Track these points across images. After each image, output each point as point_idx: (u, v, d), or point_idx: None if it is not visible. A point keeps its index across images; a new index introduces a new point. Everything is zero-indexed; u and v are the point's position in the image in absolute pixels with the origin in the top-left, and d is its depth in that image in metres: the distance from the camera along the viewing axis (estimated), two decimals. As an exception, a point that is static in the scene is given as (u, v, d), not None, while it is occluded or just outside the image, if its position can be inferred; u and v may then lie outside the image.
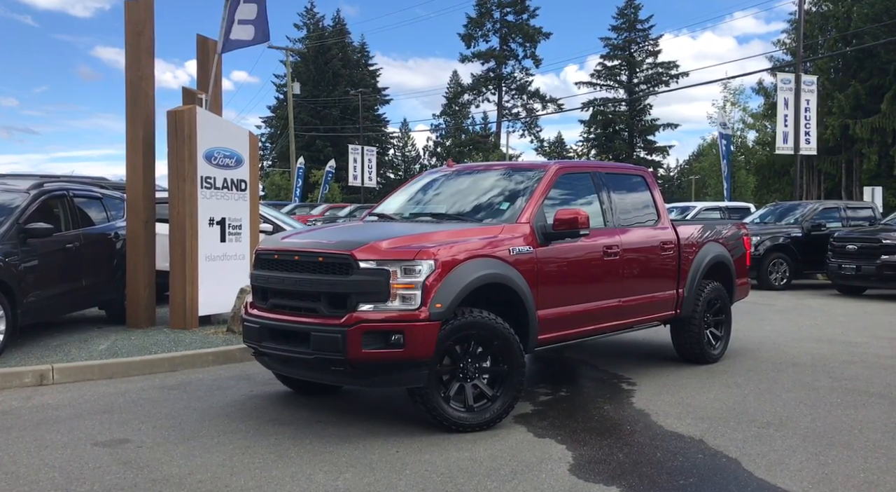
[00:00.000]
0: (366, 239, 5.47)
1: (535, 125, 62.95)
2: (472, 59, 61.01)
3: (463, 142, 61.49)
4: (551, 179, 6.49)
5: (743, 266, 8.78)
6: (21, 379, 6.77)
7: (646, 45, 65.14)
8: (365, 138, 60.87)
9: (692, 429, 5.65)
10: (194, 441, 5.21)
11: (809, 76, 23.88)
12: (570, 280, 6.38)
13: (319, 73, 57.10)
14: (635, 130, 65.70)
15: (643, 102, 65.46)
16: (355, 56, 62.55)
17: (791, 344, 9.29)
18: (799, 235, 16.73)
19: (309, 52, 58.93)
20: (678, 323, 7.92)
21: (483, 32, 60.74)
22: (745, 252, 8.84)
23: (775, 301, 14.16)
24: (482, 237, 5.81)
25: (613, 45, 65.14)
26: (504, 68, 61.73)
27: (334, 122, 54.90)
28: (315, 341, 5.29)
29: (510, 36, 60.84)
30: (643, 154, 66.98)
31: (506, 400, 5.64)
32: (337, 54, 58.73)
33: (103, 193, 9.62)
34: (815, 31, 42.07)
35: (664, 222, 7.59)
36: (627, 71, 65.87)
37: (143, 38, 9.13)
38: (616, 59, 65.35)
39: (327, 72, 57.46)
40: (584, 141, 67.96)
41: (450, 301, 5.29)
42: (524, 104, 62.88)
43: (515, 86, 62.30)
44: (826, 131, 38.37)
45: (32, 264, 7.73)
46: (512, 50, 61.77)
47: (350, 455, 4.96)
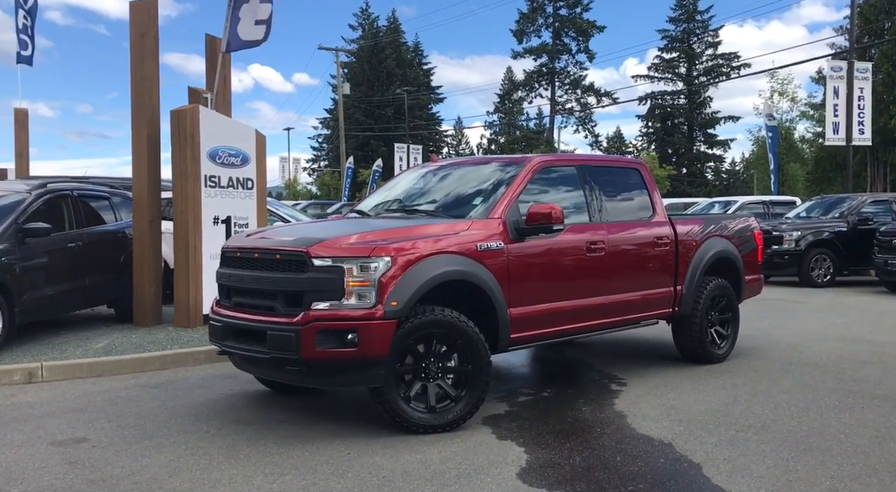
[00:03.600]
0: (324, 236, 5.39)
1: (589, 120, 62.16)
2: (524, 55, 60.50)
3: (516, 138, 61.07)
4: (528, 174, 6.31)
5: (753, 262, 8.42)
6: (10, 377, 6.90)
7: (705, 37, 63.65)
8: (418, 137, 61.06)
9: (665, 432, 5.41)
10: (150, 441, 5.20)
11: (864, 63, 22.91)
12: (548, 277, 6.18)
13: (374, 73, 57.42)
14: (695, 123, 64.29)
15: (703, 95, 64.00)
16: (409, 55, 62.71)
17: (811, 343, 8.89)
18: (844, 229, 16.04)
19: (363, 53, 59.36)
20: (678, 321, 7.64)
21: (535, 27, 60.16)
22: (755, 247, 8.47)
23: (812, 299, 13.61)
24: (448, 233, 5.67)
25: (671, 37, 63.84)
26: (557, 63, 61.03)
27: (388, 121, 55.15)
28: (270, 340, 5.23)
29: (563, 30, 60.09)
30: (703, 148, 65.54)
31: (470, 401, 5.49)
32: (391, 54, 58.98)
33: (112, 193, 9.77)
34: (880, 15, 40.38)
35: (659, 217, 7.32)
36: (686, 63, 64.47)
37: (147, 39, 9.24)
38: (674, 51, 64.03)
39: (381, 71, 57.74)
40: (642, 136, 66.86)
41: (406, 299, 5.17)
42: (578, 99, 62.08)
43: (569, 81, 61.54)
44: (892, 121, 36.80)
45: (31, 263, 7.88)
46: (565, 44, 61.02)
47: (299, 457, 4.89)
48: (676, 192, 53.22)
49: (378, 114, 56.85)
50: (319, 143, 61.93)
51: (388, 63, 58.33)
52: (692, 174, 63.26)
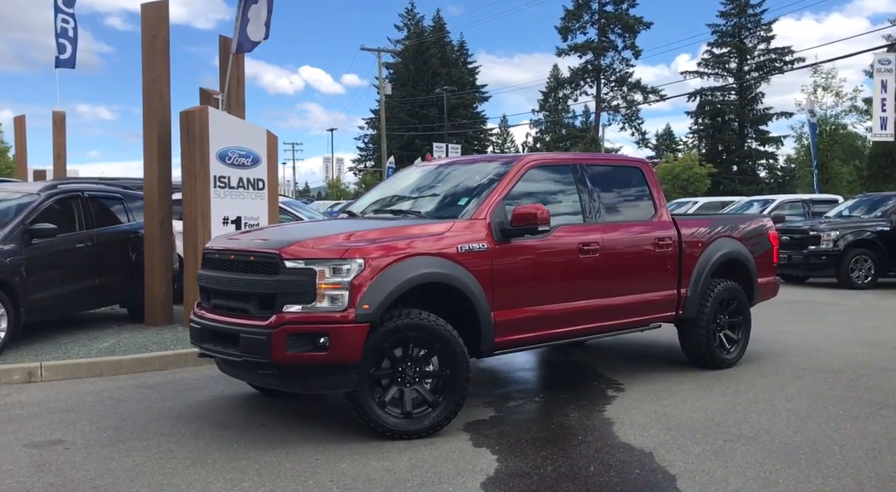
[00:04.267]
0: (298, 238, 5.32)
1: (635, 118, 61.21)
2: (568, 53, 59.85)
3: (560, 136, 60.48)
4: (517, 174, 6.15)
5: (767, 264, 8.12)
6: (10, 376, 6.99)
7: (757, 31, 62.11)
8: (462, 136, 60.94)
9: (649, 441, 5.22)
10: (125, 444, 5.19)
11: (914, 56, 22.04)
12: (536, 279, 6.02)
13: (418, 73, 57.51)
14: (746, 119, 62.80)
15: (754, 91, 62.49)
16: (454, 55, 62.60)
17: (831, 348, 8.54)
18: (886, 228, 15.44)
19: (408, 53, 59.49)
20: (684, 325, 7.40)
21: (580, 24, 59.47)
22: (770, 248, 8.17)
23: (848, 301, 13.13)
24: (428, 234, 5.55)
25: (722, 32, 62.36)
26: (603, 60, 60.27)
27: (432, 120, 55.17)
28: (243, 343, 5.18)
29: (608, 27, 59.29)
30: (755, 145, 63.97)
31: (448, 407, 5.36)
32: (435, 53, 58.97)
33: (124, 194, 9.88)
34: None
35: (662, 217, 7.09)
36: (737, 58, 62.97)
37: (158, 41, 9.31)
38: (725, 46, 62.57)
39: (426, 71, 57.76)
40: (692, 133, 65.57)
41: (379, 302, 5.07)
42: (624, 96, 61.22)
43: (615, 78, 60.75)
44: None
45: (38, 264, 7.98)
46: (611, 41, 60.20)
47: (267, 462, 4.82)
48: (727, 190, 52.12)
49: (422, 113, 56.97)
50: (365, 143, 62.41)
51: (432, 63, 58.32)
52: (742, 172, 61.86)
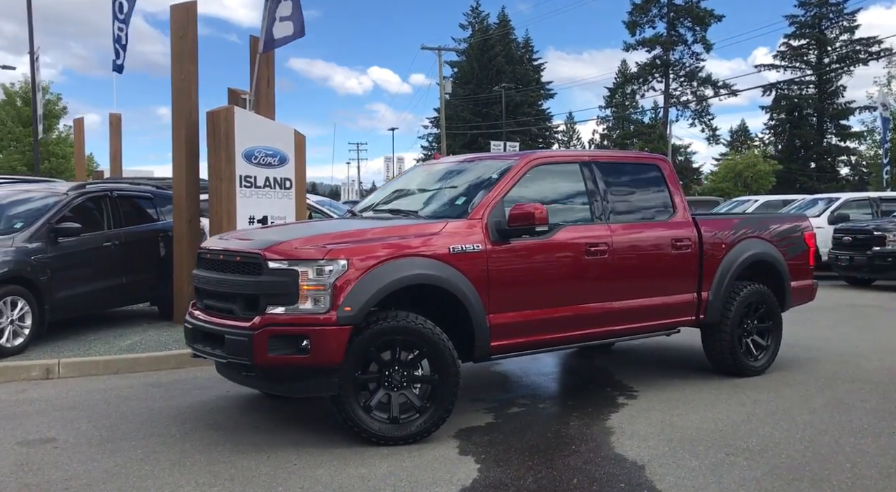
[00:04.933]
0: (283, 238, 5.25)
1: (706, 113, 59.49)
2: (636, 47, 58.55)
3: (628, 133, 59.29)
4: (518, 173, 5.94)
5: (802, 266, 7.70)
6: (29, 372, 7.13)
7: (840, 21, 59.62)
8: (527, 133, 60.41)
9: (646, 453, 4.96)
10: (113, 444, 5.18)
11: None
12: (536, 281, 5.80)
13: (482, 71, 57.25)
14: (825, 114, 60.47)
15: (835, 84, 60.05)
16: (518, 52, 62.10)
17: (876, 356, 8.05)
18: (959, 229, 14.56)
19: (472, 51, 59.29)
20: (706, 330, 7.07)
21: (648, 18, 58.13)
22: (805, 250, 7.74)
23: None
24: (419, 234, 5.40)
25: (800, 23, 60.06)
26: (672, 55, 58.76)
27: (495, 118, 54.82)
28: (228, 345, 5.13)
29: (678, 20, 57.72)
30: (835, 140, 61.53)
31: (436, 413, 5.20)
32: (500, 51, 58.60)
33: (155, 193, 10.01)
34: None
35: (681, 217, 6.77)
36: (817, 50, 60.58)
37: (186, 42, 9.40)
38: (803, 37, 60.24)
39: (490, 69, 57.45)
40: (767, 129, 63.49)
41: (361, 304, 4.94)
42: (694, 91, 59.57)
43: (684, 73, 59.16)
44: None
45: (63, 263, 8.14)
46: (680, 35, 58.59)
47: (244, 466, 4.74)
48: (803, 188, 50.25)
49: (485, 112, 56.70)
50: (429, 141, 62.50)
51: (497, 61, 57.96)
52: (821, 169, 59.59)
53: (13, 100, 32.97)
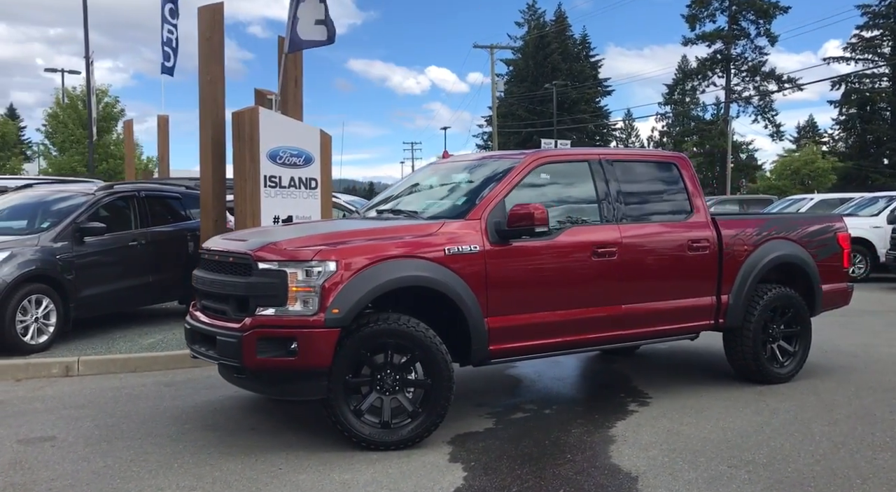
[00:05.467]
0: (274, 239, 5.20)
1: (769, 109, 57.72)
2: (696, 42, 57.16)
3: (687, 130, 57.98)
4: (521, 172, 5.77)
5: (835, 268, 7.33)
6: (49, 370, 7.26)
7: (916, 10, 57.02)
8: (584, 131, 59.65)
9: (643, 463, 4.76)
10: (108, 444, 5.19)
11: None
12: (538, 284, 5.63)
13: (538, 69, 56.71)
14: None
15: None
16: (575, 49, 61.32)
17: (917, 363, 7.65)
18: None
19: (528, 48, 58.82)
20: (728, 335, 6.80)
21: (709, 12, 56.63)
22: (839, 251, 7.37)
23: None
24: (414, 235, 5.29)
25: (874, 13, 57.66)
26: (734, 49, 57.14)
27: (551, 116, 54.33)
28: (219, 346, 5.11)
29: (740, 13, 56.05)
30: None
31: (428, 418, 5.09)
32: (556, 48, 57.97)
33: (184, 194, 10.12)
34: None
35: (698, 217, 6.51)
36: (891, 41, 58.11)
37: (213, 43, 9.45)
38: (876, 28, 57.78)
39: (545, 66, 56.86)
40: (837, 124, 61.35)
41: (350, 306, 4.86)
42: (756, 86, 57.83)
43: (746, 67, 57.47)
44: None
45: (88, 261, 8.28)
46: (742, 28, 56.91)
47: (230, 470, 4.70)
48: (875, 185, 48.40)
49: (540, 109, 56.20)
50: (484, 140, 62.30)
51: (552, 58, 57.33)
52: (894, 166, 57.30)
53: (75, 103, 34.00)
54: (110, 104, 34.13)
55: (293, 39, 9.61)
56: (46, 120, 35.04)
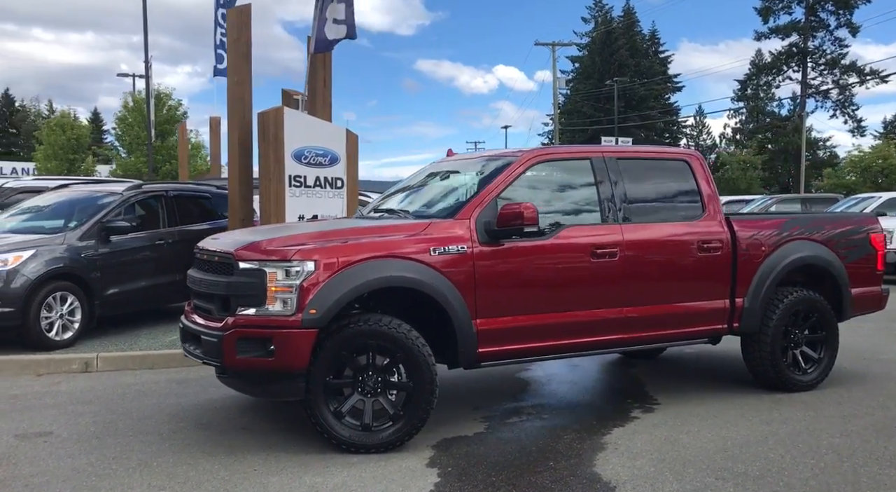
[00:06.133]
0: (257, 238, 5.18)
1: (849, 103, 55.32)
2: (769, 36, 55.20)
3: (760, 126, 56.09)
4: (516, 170, 5.61)
5: (866, 271, 6.94)
6: (69, 365, 7.43)
7: None
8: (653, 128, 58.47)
9: (625, 473, 4.57)
10: (99, 440, 5.23)
11: None
12: (532, 286, 5.46)
13: (604, 65, 55.77)
14: None
15: None
16: (644, 45, 60.07)
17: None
18: None
19: (594, 45, 57.97)
20: (745, 341, 6.51)
21: (784, 4, 54.56)
22: (871, 253, 6.97)
23: None
24: (398, 235, 5.20)
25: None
26: (811, 41, 54.93)
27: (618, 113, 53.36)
28: (203, 345, 5.13)
29: (818, 4, 53.83)
30: None
31: (410, 421, 4.99)
32: (623, 44, 56.92)
33: (213, 193, 10.25)
34: None
35: (711, 217, 6.23)
36: None
37: (240, 45, 9.54)
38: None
39: (612, 63, 55.86)
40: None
41: (327, 307, 4.80)
42: (836, 80, 55.44)
43: (824, 60, 55.20)
44: None
45: (114, 260, 8.46)
46: (821, 20, 54.67)
47: (207, 469, 4.69)
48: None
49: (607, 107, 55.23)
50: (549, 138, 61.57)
51: (620, 54, 56.31)
52: None
53: (140, 106, 35.09)
54: (173, 107, 35.11)
55: (319, 39, 9.65)
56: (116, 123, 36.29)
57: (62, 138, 38.32)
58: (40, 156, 39.58)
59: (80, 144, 39.86)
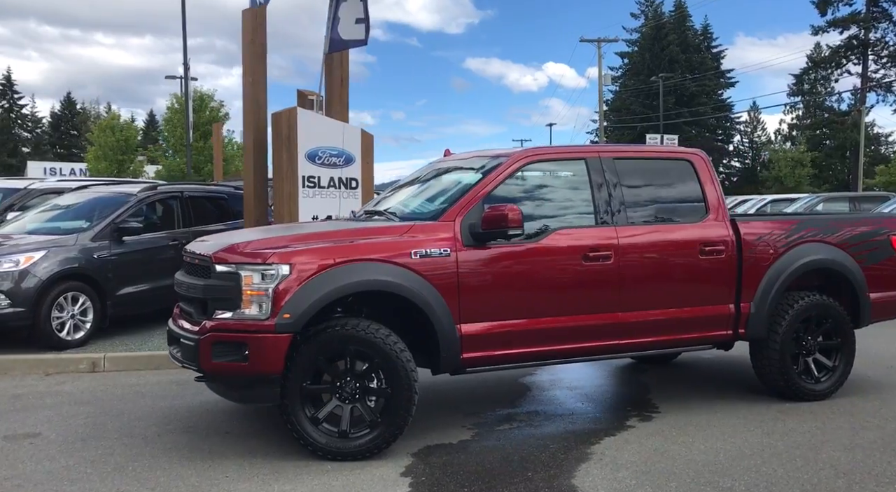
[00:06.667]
0: (236, 241, 5.12)
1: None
2: (827, 29, 53.48)
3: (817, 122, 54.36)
4: (504, 172, 5.45)
5: (888, 275, 6.60)
6: (77, 365, 7.51)
7: None
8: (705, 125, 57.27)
9: (604, 486, 4.40)
10: (83, 443, 5.22)
11: None
12: (520, 289, 5.29)
13: (654, 61, 54.75)
14: None
15: None
16: (696, 40, 58.77)
17: None
18: None
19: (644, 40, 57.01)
20: (754, 347, 6.24)
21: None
22: (893, 256, 6.62)
23: None
24: (379, 238, 5.10)
25: None
26: (873, 33, 52.92)
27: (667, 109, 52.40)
28: (181, 349, 5.11)
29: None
30: None
31: (387, 429, 4.88)
32: (674, 40, 55.80)
33: (230, 194, 10.29)
34: None
35: (715, 218, 5.98)
36: None
37: (255, 46, 9.54)
38: None
39: (662, 59, 54.82)
40: None
41: (301, 311, 4.71)
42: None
43: (887, 52, 53.15)
44: None
45: (127, 260, 8.53)
46: (883, 10, 52.61)
47: (177, 474, 4.64)
48: None
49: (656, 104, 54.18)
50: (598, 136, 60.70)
51: (670, 49, 55.19)
52: None
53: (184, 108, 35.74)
54: (216, 108, 35.63)
55: (333, 39, 9.59)
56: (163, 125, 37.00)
57: (111, 139, 39.28)
58: (91, 157, 40.64)
59: (129, 145, 40.78)
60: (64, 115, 70.17)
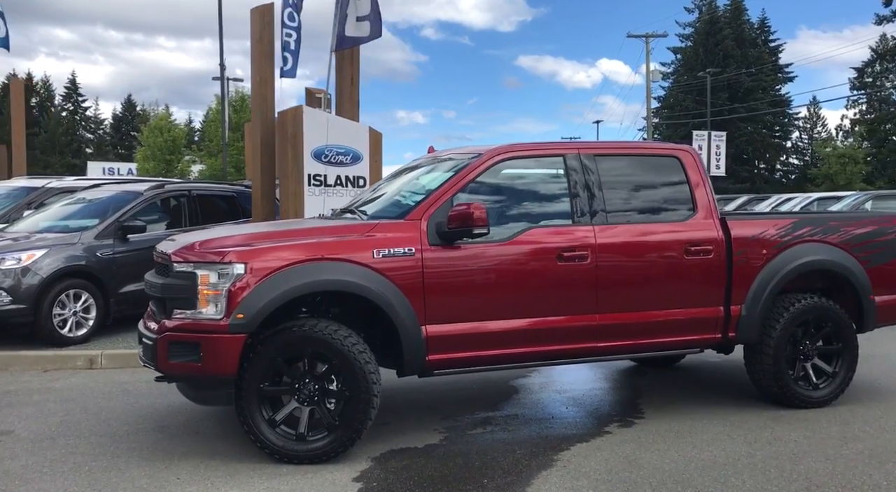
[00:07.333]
0: (198, 240, 5.07)
1: None
2: (892, 19, 51.47)
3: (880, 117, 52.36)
4: (476, 169, 5.28)
5: (893, 277, 6.23)
6: (74, 362, 7.59)
7: None
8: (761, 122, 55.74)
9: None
10: (51, 441, 5.22)
11: None
12: (489, 290, 5.13)
13: (707, 56, 53.46)
14: None
15: None
16: (752, 34, 57.21)
17: None
18: None
19: (698, 35, 55.74)
20: (747, 351, 5.97)
21: (913, -18, 50.47)
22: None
23: None
24: (340, 237, 4.99)
25: None
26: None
27: (721, 105, 51.20)
28: (143, 349, 5.09)
29: (955, -20, 49.47)
30: None
31: (345, 432, 4.77)
32: (729, 34, 54.40)
33: (239, 192, 10.31)
34: None
35: (702, 217, 5.72)
36: None
37: (263, 44, 9.56)
38: None
39: (716, 54, 53.52)
40: None
41: (255, 311, 4.63)
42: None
43: (956, 43, 50.84)
44: None
45: (131, 258, 8.58)
46: (955, -3, 50.35)
47: (131, 475, 4.59)
48: None
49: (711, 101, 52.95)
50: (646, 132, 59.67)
51: (724, 44, 53.84)
52: None
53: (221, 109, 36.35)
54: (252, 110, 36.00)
55: (339, 37, 9.55)
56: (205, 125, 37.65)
57: (160, 140, 40.14)
58: (140, 157, 41.59)
59: (176, 146, 41.60)
60: (125, 117, 71.94)
